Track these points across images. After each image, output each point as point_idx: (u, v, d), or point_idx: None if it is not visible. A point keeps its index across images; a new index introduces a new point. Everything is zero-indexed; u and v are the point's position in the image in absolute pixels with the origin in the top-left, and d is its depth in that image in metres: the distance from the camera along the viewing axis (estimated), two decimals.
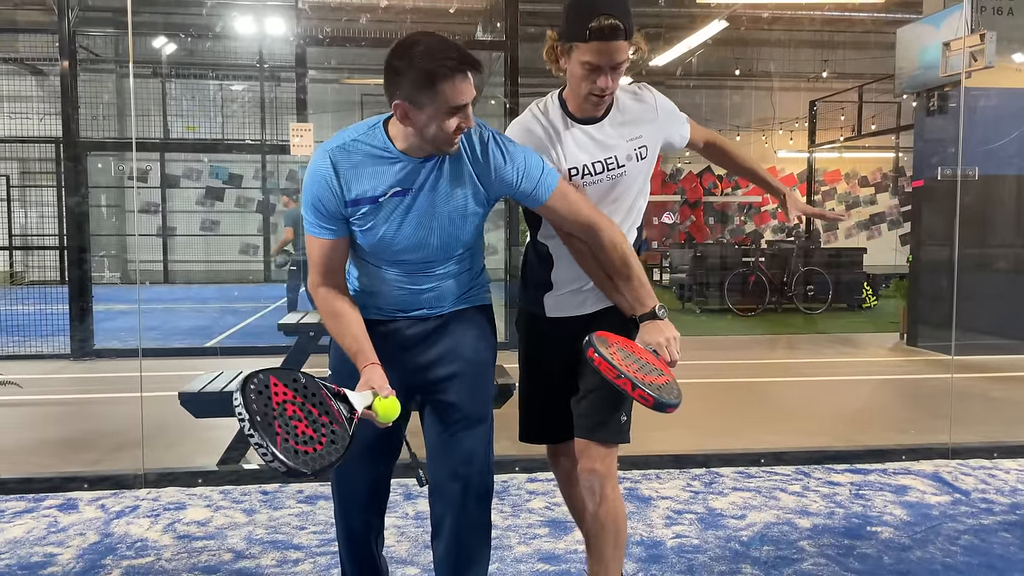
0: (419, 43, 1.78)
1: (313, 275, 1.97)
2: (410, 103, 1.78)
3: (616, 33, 1.94)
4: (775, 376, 6.52)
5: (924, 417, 5.06)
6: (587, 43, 1.96)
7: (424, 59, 1.74)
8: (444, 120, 1.79)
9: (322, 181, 1.87)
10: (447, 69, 1.74)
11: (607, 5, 1.96)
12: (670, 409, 1.85)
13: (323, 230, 1.92)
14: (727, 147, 2.43)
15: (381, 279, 2.01)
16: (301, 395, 1.74)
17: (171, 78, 15.15)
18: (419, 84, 1.75)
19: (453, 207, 1.93)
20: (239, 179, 16.12)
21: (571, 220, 2.00)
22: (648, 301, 1.99)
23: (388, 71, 1.81)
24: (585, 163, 2.10)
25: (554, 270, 2.19)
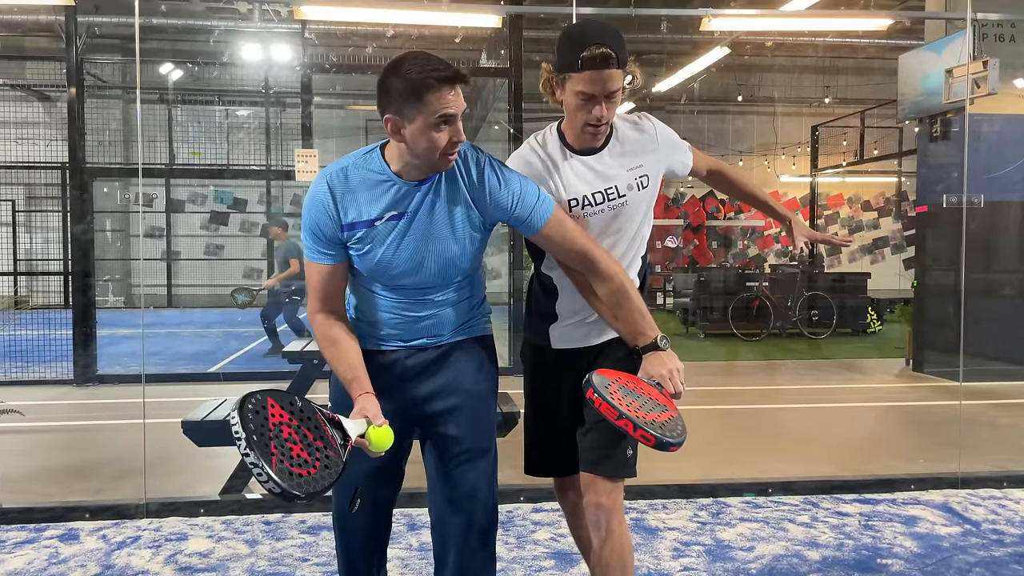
0: (407, 58, 1.82)
1: (312, 301, 1.97)
2: (399, 116, 1.81)
3: (608, 61, 1.95)
4: (781, 403, 6.48)
5: (932, 445, 5.02)
6: (580, 73, 1.98)
7: (411, 71, 1.79)
8: (433, 132, 1.81)
9: (319, 206, 1.90)
10: (433, 80, 1.78)
11: (598, 34, 1.98)
12: (673, 448, 1.82)
13: (321, 255, 1.93)
14: (731, 174, 2.43)
15: (379, 306, 2.01)
16: (297, 418, 1.73)
17: (177, 104, 15.27)
18: (406, 95, 1.78)
19: (450, 231, 1.94)
20: (244, 203, 16.18)
21: (566, 249, 2.00)
22: (649, 332, 1.98)
23: (379, 88, 1.84)
24: (585, 194, 2.11)
25: (558, 301, 2.19)
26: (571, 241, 1.98)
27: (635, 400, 1.85)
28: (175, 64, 14.37)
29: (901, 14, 7.22)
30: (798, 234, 2.34)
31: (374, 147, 1.95)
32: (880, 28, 6.99)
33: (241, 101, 15.32)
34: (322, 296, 1.96)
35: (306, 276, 1.98)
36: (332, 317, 1.96)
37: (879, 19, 6.57)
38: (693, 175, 2.36)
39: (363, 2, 5.81)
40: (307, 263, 1.96)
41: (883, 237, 18.60)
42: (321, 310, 1.96)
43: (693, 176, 2.37)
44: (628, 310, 1.98)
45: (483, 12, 6.10)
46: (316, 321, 1.97)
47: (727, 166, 2.45)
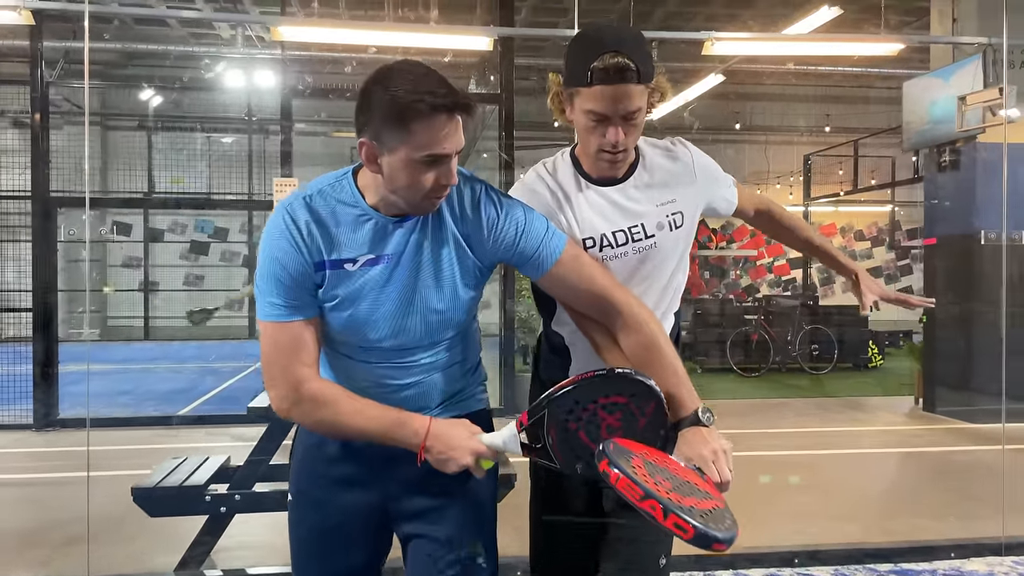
0: (398, 69, 1.42)
1: (284, 378, 1.48)
2: (377, 141, 1.43)
3: (624, 74, 1.58)
4: (790, 448, 6.08)
5: (959, 500, 4.63)
6: (589, 87, 1.60)
7: (399, 87, 1.39)
8: (417, 172, 1.42)
9: (284, 240, 1.47)
10: (426, 105, 1.38)
11: (613, 41, 1.60)
12: (720, 545, 1.40)
13: (292, 310, 1.48)
14: (782, 216, 2.05)
15: (349, 372, 1.60)
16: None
17: (157, 131, 14.89)
18: (389, 118, 1.40)
19: (438, 278, 1.54)
20: (225, 232, 15.75)
21: (584, 292, 1.58)
22: (687, 400, 1.53)
23: (359, 100, 1.45)
24: (604, 232, 1.72)
25: (572, 365, 1.79)
26: (589, 280, 1.58)
27: (667, 480, 1.43)
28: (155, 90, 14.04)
29: (912, 37, 6.95)
30: (867, 291, 1.96)
31: (345, 171, 1.55)
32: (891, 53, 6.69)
33: (222, 128, 14.98)
34: (300, 362, 1.48)
35: (269, 347, 1.50)
36: (315, 385, 1.49)
37: (890, 43, 6.28)
38: (737, 215, 1.97)
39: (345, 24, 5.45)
40: (270, 328, 1.49)
41: (876, 267, 18.35)
42: (301, 384, 1.48)
43: (737, 216, 1.98)
44: (661, 370, 1.53)
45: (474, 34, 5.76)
46: (303, 395, 1.48)
47: (778, 206, 2.06)
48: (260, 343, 1.52)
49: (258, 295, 1.51)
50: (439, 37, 5.47)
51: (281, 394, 1.49)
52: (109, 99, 15.18)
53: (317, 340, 1.53)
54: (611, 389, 1.41)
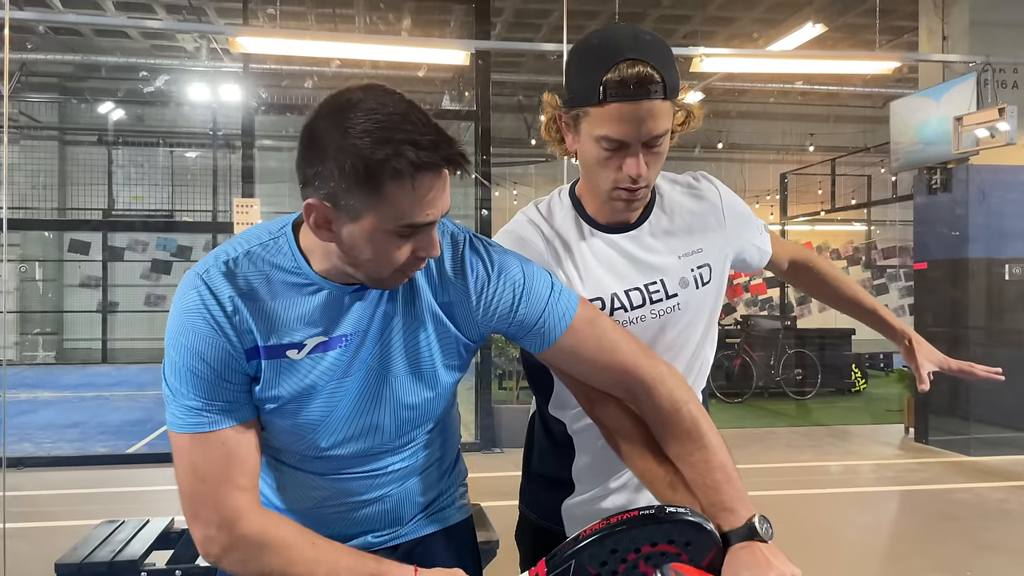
0: (367, 108, 1.01)
1: (212, 513, 1.07)
2: (333, 205, 1.03)
3: (648, 87, 1.21)
4: (782, 487, 5.75)
5: (974, 552, 4.31)
6: (602, 106, 1.22)
7: (368, 136, 1.00)
8: (387, 244, 1.05)
9: (200, 322, 1.08)
10: (406, 162, 0.99)
11: (630, 44, 1.23)
12: None
13: (217, 415, 1.09)
14: (823, 269, 1.69)
15: (298, 488, 1.22)
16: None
17: (117, 146, 14.36)
18: (353, 178, 1.01)
19: (414, 363, 1.16)
20: (188, 251, 15.19)
21: (603, 366, 1.20)
22: (740, 507, 1.14)
23: (306, 141, 1.04)
24: (615, 291, 1.35)
25: (577, 461, 1.41)
26: (611, 351, 1.19)
27: None
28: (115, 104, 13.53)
29: (908, 56, 6.71)
30: (924, 360, 1.61)
31: (282, 225, 1.16)
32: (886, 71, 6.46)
33: (186, 143, 14.49)
34: (227, 496, 1.07)
35: (184, 473, 1.09)
36: (256, 521, 1.08)
37: (884, 61, 6.03)
38: (769, 268, 1.61)
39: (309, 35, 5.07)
40: (187, 443, 1.08)
41: None
42: (232, 525, 1.07)
43: (768, 268, 1.62)
44: (704, 465, 1.16)
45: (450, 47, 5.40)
46: (238, 537, 1.07)
47: (817, 257, 1.70)
48: (175, 463, 1.10)
49: (168, 400, 1.11)
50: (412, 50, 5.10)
51: (210, 535, 1.07)
52: (68, 113, 14.63)
53: (256, 450, 1.12)
54: (661, 536, 1.03)
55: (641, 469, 1.24)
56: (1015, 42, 6.60)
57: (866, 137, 14.66)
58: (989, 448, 6.65)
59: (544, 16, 10.67)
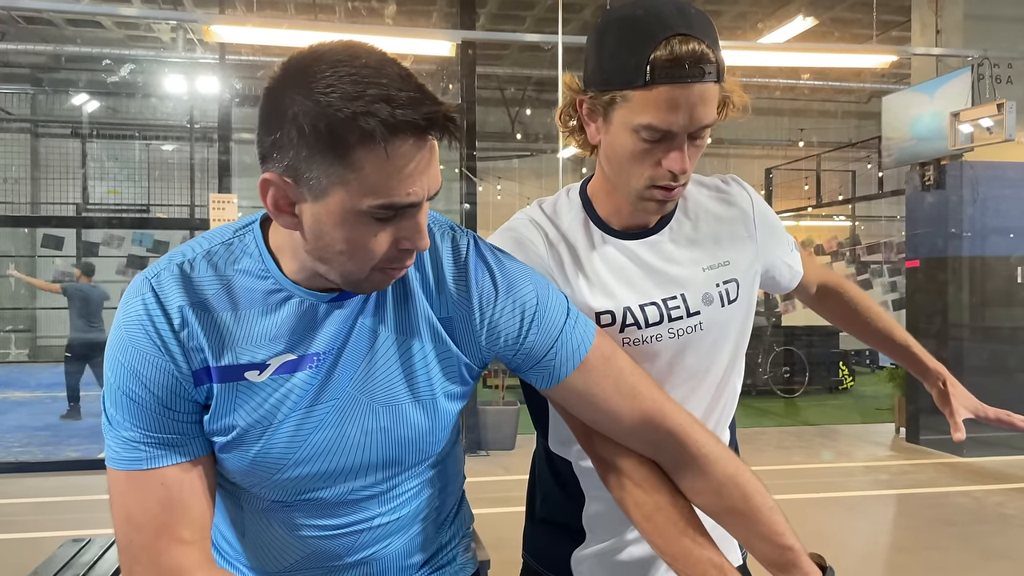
0: (335, 59, 0.83)
1: (148, 563, 0.88)
2: (294, 180, 0.84)
3: (703, 67, 1.03)
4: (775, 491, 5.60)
5: (981, 561, 4.18)
6: (649, 89, 1.03)
7: (335, 91, 0.81)
8: (362, 230, 0.86)
9: (144, 340, 0.89)
10: (379, 121, 0.80)
11: (677, 17, 1.04)
12: None
13: (157, 450, 0.90)
14: (855, 298, 1.49)
15: (263, 543, 1.02)
16: None
17: (92, 139, 14.02)
18: (314, 142, 0.81)
19: (406, 387, 0.97)
20: (165, 246, 14.88)
21: (620, 411, 1.01)
22: (804, 564, 1.01)
23: (265, 105, 0.85)
24: (628, 305, 1.16)
25: (588, 507, 1.22)
26: (629, 396, 1.01)
27: None
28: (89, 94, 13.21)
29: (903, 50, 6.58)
30: (960, 406, 1.42)
31: (250, 222, 0.98)
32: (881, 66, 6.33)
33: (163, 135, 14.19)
34: (167, 549, 0.89)
35: (119, 516, 0.91)
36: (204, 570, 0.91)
37: (881, 55, 5.90)
38: (796, 292, 1.43)
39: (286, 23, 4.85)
40: (123, 481, 0.90)
41: None
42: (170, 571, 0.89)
43: (797, 293, 1.45)
44: (752, 520, 1.01)
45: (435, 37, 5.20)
46: None
47: (849, 284, 1.51)
48: (111, 503, 0.92)
49: (106, 428, 0.92)
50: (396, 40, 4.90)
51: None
52: (39, 105, 14.27)
53: (205, 494, 0.93)
54: None
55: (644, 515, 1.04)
56: (1009, 36, 6.49)
57: (851, 132, 14.60)
58: (982, 448, 6.55)
59: (529, 8, 10.47)
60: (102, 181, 14.10)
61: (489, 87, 12.90)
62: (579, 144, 1.18)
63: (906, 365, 1.52)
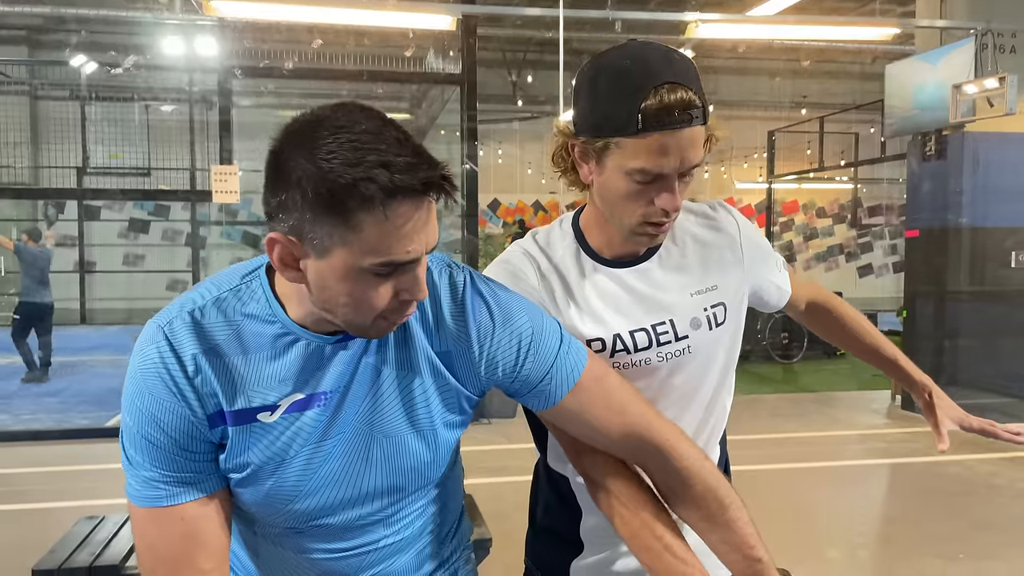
0: (337, 124, 0.88)
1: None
2: (299, 238, 0.90)
3: (691, 112, 1.09)
4: (768, 460, 5.74)
5: (967, 530, 4.30)
6: (641, 137, 1.08)
7: (337, 157, 0.86)
8: (363, 285, 0.92)
9: (158, 384, 0.95)
10: (378, 187, 0.86)
11: (664, 65, 1.09)
12: None
13: (177, 488, 0.96)
14: (843, 313, 1.56)
15: (275, 565, 1.10)
16: None
17: (91, 101, 13.94)
18: (317, 206, 0.87)
19: (406, 421, 1.04)
20: (166, 210, 14.92)
21: (611, 427, 1.08)
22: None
23: (271, 165, 0.91)
24: (618, 332, 1.22)
25: (585, 521, 1.30)
26: (619, 412, 1.08)
27: None
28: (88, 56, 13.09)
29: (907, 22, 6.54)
30: (944, 417, 1.48)
31: (255, 267, 1.03)
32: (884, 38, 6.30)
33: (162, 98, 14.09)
34: (189, 570, 0.96)
35: (142, 548, 0.98)
36: None
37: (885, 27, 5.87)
38: (785, 308, 1.49)
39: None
40: (144, 517, 0.97)
41: (837, 244, 18.25)
42: None
43: (786, 309, 1.51)
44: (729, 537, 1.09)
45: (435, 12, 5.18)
46: None
47: (837, 300, 1.57)
48: (133, 534, 0.99)
49: (126, 467, 0.98)
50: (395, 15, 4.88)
51: None
52: (38, 67, 14.17)
53: (223, 526, 1.00)
54: None
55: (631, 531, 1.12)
56: (1014, 7, 6.44)
57: (855, 94, 14.48)
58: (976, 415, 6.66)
59: None
60: (102, 145, 14.05)
61: (489, 48, 12.78)
62: (572, 183, 1.23)
63: (894, 376, 1.58)
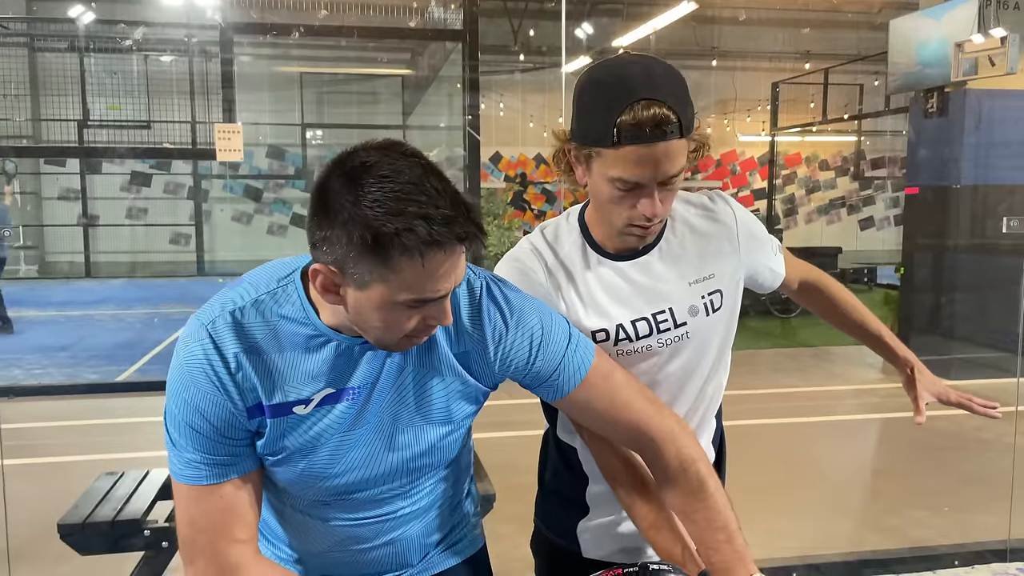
0: (382, 173, 0.96)
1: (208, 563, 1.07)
2: (341, 271, 1.00)
3: (665, 129, 1.16)
4: (765, 415, 5.88)
5: (955, 485, 4.45)
6: (617, 149, 1.17)
7: (381, 206, 0.95)
8: (396, 315, 1.02)
9: (202, 379, 1.05)
10: (418, 238, 0.95)
11: (644, 82, 1.17)
12: None
13: (217, 469, 1.07)
14: (834, 292, 1.65)
15: (303, 533, 1.21)
16: None
17: (89, 52, 13.83)
18: (361, 248, 0.96)
19: (426, 412, 1.14)
20: (168, 164, 14.90)
21: (615, 420, 1.20)
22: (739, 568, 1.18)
23: (317, 201, 0.99)
24: (620, 322, 1.32)
25: (591, 488, 1.41)
26: (625, 407, 1.19)
27: None
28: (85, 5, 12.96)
29: None
30: (924, 390, 1.58)
31: (291, 270, 1.12)
32: None
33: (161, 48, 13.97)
34: (225, 548, 1.07)
35: (184, 522, 1.09)
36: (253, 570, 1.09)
37: None
38: (780, 288, 1.58)
39: None
40: (187, 494, 1.08)
41: (840, 197, 18.24)
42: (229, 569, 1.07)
43: (780, 289, 1.60)
44: (708, 526, 1.20)
45: None
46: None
47: (829, 279, 1.66)
48: (175, 507, 1.10)
49: (169, 448, 1.09)
50: None
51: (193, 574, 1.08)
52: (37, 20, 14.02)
53: (256, 501, 1.12)
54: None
55: (627, 504, 1.28)
56: None
57: (860, 44, 14.32)
58: (970, 370, 6.79)
59: None
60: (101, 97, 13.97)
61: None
62: (571, 183, 1.32)
63: (879, 352, 1.68)
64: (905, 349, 1.64)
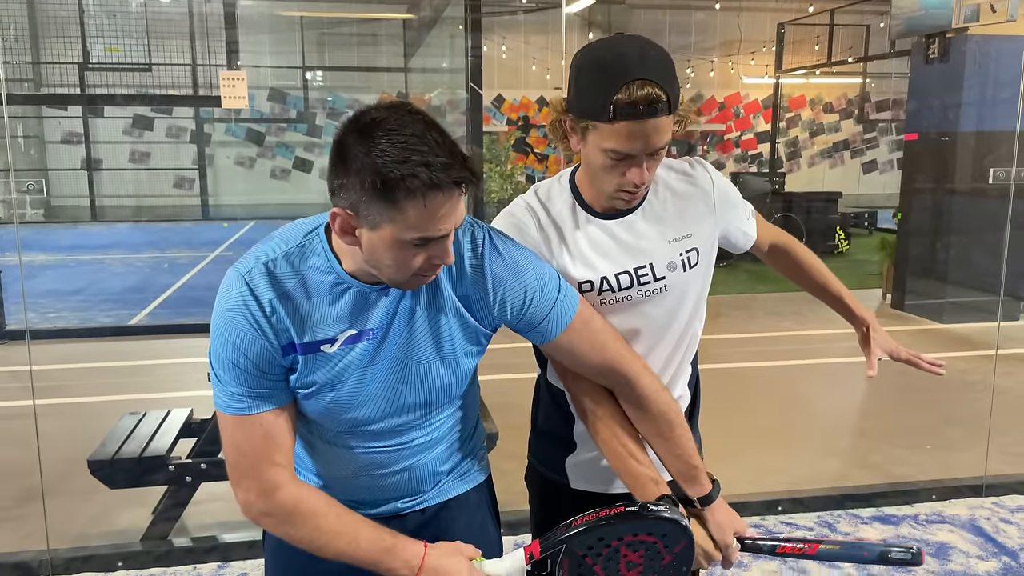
0: (388, 127, 1.11)
1: (253, 482, 1.23)
2: (355, 214, 1.15)
3: (655, 107, 1.29)
4: (760, 358, 6.06)
5: (937, 425, 4.65)
6: (611, 124, 1.31)
7: (388, 155, 1.09)
8: (404, 253, 1.17)
9: (242, 320, 1.21)
10: (420, 182, 1.10)
11: (638, 63, 1.30)
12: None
13: (257, 400, 1.23)
14: (801, 256, 1.79)
15: (329, 459, 1.38)
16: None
17: None
18: (372, 192, 1.12)
19: (435, 351, 1.31)
20: (168, 108, 14.86)
21: (593, 361, 1.38)
22: (703, 477, 1.42)
23: (335, 154, 1.15)
24: (605, 274, 1.47)
25: (577, 425, 1.57)
26: (601, 349, 1.37)
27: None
28: None
29: None
30: (877, 347, 1.74)
31: (315, 226, 1.27)
32: None
33: None
34: (266, 470, 1.23)
35: (229, 447, 1.25)
36: (291, 493, 1.24)
37: None
38: (752, 249, 1.72)
39: None
40: (231, 423, 1.24)
41: (843, 140, 18.18)
42: (270, 494, 1.23)
43: (752, 251, 1.74)
44: (673, 448, 1.41)
45: None
46: (275, 504, 1.23)
47: (797, 244, 1.80)
48: (221, 436, 1.27)
49: (215, 383, 1.25)
50: None
51: (250, 500, 1.25)
52: None
53: (292, 431, 1.28)
54: (642, 529, 1.22)
55: (603, 439, 1.44)
56: None
57: None
58: (961, 314, 6.95)
59: None
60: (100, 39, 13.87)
61: None
62: (566, 149, 1.45)
63: (839, 311, 1.84)
64: (863, 309, 1.80)
